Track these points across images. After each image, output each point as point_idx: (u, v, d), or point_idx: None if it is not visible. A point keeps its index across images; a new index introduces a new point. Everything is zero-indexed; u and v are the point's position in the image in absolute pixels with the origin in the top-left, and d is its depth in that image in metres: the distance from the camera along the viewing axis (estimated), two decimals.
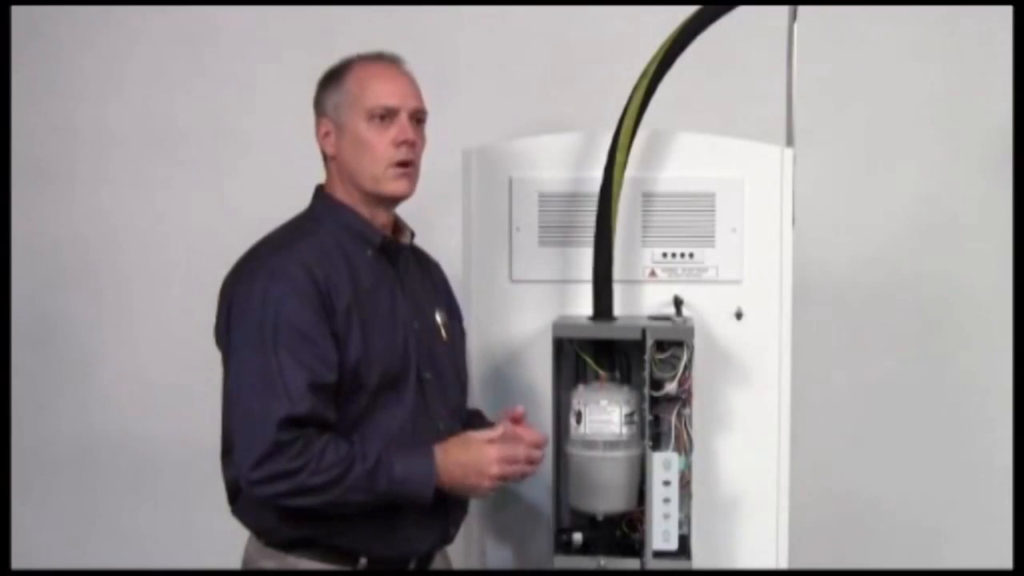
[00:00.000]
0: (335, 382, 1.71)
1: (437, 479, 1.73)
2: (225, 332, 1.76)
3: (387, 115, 1.79)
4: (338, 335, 1.72)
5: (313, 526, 1.74)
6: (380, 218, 1.85)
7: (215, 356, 1.80)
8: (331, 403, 1.71)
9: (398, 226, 1.92)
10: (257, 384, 1.68)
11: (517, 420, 1.85)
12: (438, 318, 1.93)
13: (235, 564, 1.89)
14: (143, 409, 3.11)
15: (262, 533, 1.81)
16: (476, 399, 2.11)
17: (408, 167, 1.81)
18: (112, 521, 3.13)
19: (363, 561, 1.78)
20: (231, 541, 1.89)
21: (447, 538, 1.91)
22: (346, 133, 1.81)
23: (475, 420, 1.99)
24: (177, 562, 3.02)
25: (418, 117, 1.83)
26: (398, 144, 1.79)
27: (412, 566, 1.85)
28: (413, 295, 1.88)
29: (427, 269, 2.00)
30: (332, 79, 1.84)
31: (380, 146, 1.79)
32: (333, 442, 1.68)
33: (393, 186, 1.80)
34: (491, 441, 1.78)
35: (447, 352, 1.92)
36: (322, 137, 1.85)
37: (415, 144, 1.81)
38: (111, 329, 3.13)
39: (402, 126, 1.79)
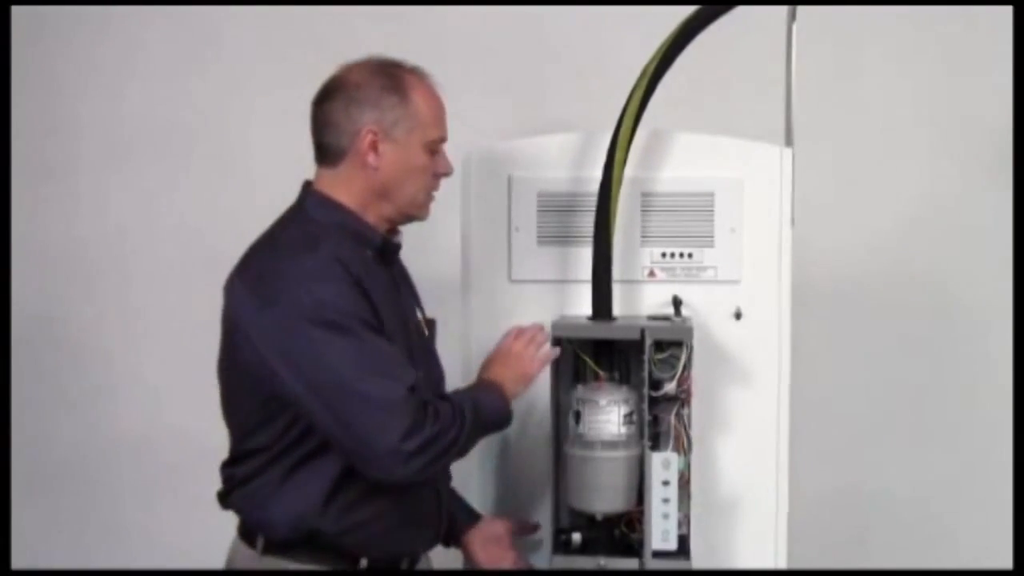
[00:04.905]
0: None
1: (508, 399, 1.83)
2: (276, 337, 1.66)
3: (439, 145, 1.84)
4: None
5: (314, 520, 1.72)
6: (383, 225, 1.85)
7: (216, 356, 1.79)
8: None
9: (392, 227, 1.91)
10: (363, 367, 1.65)
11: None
12: (419, 315, 1.94)
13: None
14: (144, 409, 3.11)
15: (257, 534, 1.78)
16: None
17: None
18: (112, 521, 3.13)
19: (363, 562, 1.78)
20: (231, 541, 1.89)
21: (438, 537, 1.92)
22: (402, 154, 1.77)
23: None
24: (177, 562, 3.02)
25: None
26: (442, 176, 1.86)
27: (404, 566, 1.85)
28: (404, 294, 1.90)
29: (401, 267, 1.98)
30: (393, 91, 1.76)
31: (429, 175, 1.83)
32: (434, 401, 1.71)
33: (425, 212, 1.87)
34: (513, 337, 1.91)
35: (428, 348, 1.93)
36: (366, 144, 1.75)
37: None
38: (112, 329, 3.13)
39: (447, 159, 1.86)
